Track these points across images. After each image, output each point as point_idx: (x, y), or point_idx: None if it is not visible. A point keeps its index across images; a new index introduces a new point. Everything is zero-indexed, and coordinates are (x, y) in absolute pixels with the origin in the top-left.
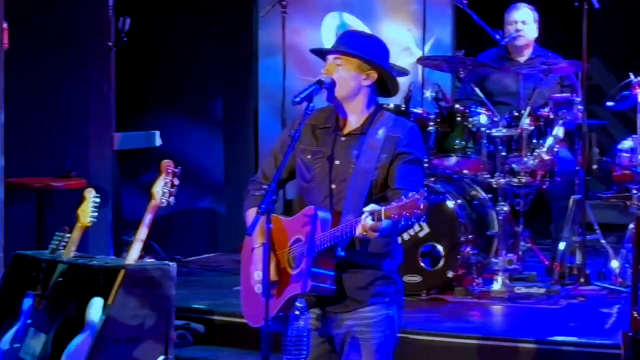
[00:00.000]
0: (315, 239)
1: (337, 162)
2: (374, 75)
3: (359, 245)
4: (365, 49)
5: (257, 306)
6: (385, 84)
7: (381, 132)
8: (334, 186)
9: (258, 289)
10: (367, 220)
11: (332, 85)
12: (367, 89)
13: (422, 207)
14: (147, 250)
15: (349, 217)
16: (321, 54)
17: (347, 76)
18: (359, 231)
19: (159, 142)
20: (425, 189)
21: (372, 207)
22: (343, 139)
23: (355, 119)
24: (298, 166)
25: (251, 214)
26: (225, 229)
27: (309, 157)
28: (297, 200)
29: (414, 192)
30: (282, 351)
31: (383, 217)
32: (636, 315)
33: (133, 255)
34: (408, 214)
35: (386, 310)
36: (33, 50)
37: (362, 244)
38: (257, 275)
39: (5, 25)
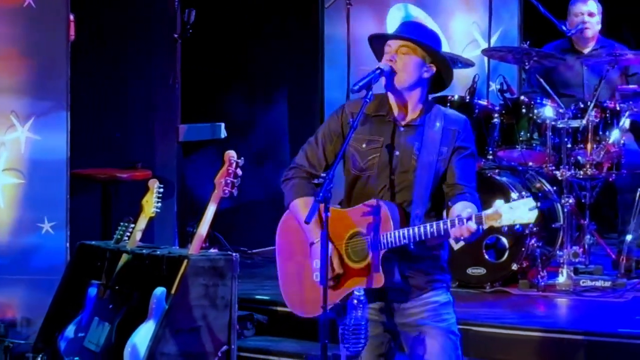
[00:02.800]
0: (389, 233)
1: (397, 153)
2: (434, 68)
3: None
4: (429, 40)
5: (310, 295)
6: (438, 78)
7: (438, 125)
8: (393, 177)
9: (316, 276)
10: (470, 225)
11: (391, 73)
12: (425, 81)
13: (532, 215)
14: (211, 242)
15: (418, 211)
16: (383, 39)
17: (411, 65)
18: (455, 234)
19: (223, 133)
20: (530, 194)
21: (470, 211)
22: (402, 129)
23: (410, 110)
24: (350, 155)
25: (303, 203)
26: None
27: (364, 145)
28: (347, 189)
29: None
30: (340, 340)
31: (484, 222)
32: None
33: (196, 245)
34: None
35: (446, 294)
36: (99, 42)
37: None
38: (316, 263)
39: (71, 18)
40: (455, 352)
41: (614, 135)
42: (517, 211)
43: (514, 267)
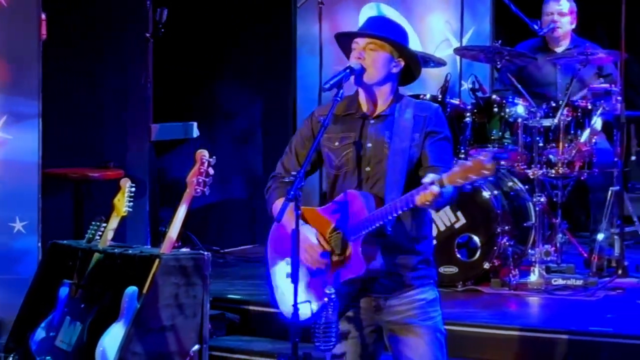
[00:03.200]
0: (364, 220)
1: (369, 145)
2: (402, 62)
3: (409, 219)
4: (396, 35)
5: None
6: (407, 72)
7: (408, 113)
8: (368, 169)
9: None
10: (432, 188)
11: (361, 71)
12: (395, 75)
13: (489, 166)
14: (183, 241)
15: (393, 196)
16: (350, 37)
17: (379, 61)
18: (420, 200)
19: (196, 133)
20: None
21: (432, 176)
22: (372, 121)
23: (379, 104)
24: (326, 155)
25: (279, 204)
26: (263, 220)
27: (336, 144)
28: (329, 190)
29: (477, 155)
30: (311, 339)
31: (446, 183)
32: None
33: (168, 244)
34: (475, 176)
35: (433, 291)
36: (71, 42)
37: (406, 226)
38: (287, 262)
39: (43, 16)
40: (441, 350)
41: (586, 134)
42: (476, 166)
43: (486, 265)
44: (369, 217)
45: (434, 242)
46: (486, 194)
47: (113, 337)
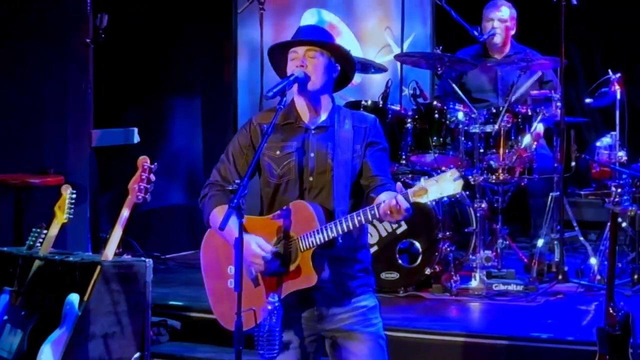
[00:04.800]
0: (316, 231)
1: (311, 155)
2: (339, 67)
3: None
4: (330, 39)
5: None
6: (341, 77)
7: (347, 124)
8: (311, 179)
9: (230, 283)
10: (402, 202)
11: (306, 79)
12: (333, 82)
13: (457, 183)
14: (125, 247)
15: (341, 208)
16: (284, 47)
17: (322, 67)
18: (385, 210)
19: (136, 138)
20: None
21: (397, 191)
22: (314, 131)
23: (320, 113)
24: (266, 164)
25: (218, 211)
26: (205, 226)
27: (277, 152)
28: (267, 198)
29: (445, 172)
30: (255, 347)
31: (412, 198)
32: (611, 311)
33: (109, 251)
34: (438, 193)
35: (373, 299)
36: (10, 46)
37: (352, 235)
38: (230, 269)
39: None
40: (383, 356)
41: (526, 140)
42: (443, 183)
43: (428, 271)
44: (322, 229)
45: (376, 247)
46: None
47: (54, 344)
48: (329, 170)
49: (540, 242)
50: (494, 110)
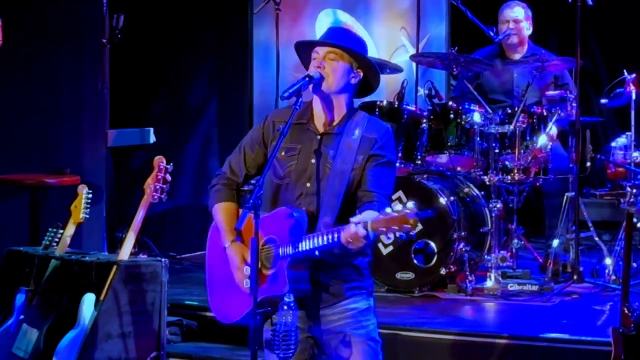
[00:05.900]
0: (292, 241)
1: (312, 161)
2: (361, 74)
3: (338, 250)
4: (356, 46)
5: (234, 301)
6: (365, 83)
7: (357, 132)
8: (308, 184)
9: (246, 283)
10: (359, 229)
11: (320, 79)
12: (352, 86)
13: (411, 221)
14: (140, 247)
15: (326, 219)
16: (310, 45)
17: (339, 71)
18: (345, 239)
19: (152, 138)
20: (414, 202)
21: (360, 217)
22: (318, 137)
23: (333, 116)
24: (271, 163)
25: (219, 207)
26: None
27: (282, 153)
28: (269, 197)
29: (404, 207)
30: (266, 346)
31: (369, 229)
32: (626, 311)
33: (125, 251)
34: (397, 229)
35: (366, 301)
36: (27, 47)
37: (340, 249)
38: (247, 270)
39: None
40: (375, 358)
41: (541, 140)
42: (400, 219)
43: (443, 271)
44: (302, 242)
45: (391, 247)
46: (443, 200)
47: (70, 344)
48: (325, 179)
49: (555, 243)
50: (509, 111)
